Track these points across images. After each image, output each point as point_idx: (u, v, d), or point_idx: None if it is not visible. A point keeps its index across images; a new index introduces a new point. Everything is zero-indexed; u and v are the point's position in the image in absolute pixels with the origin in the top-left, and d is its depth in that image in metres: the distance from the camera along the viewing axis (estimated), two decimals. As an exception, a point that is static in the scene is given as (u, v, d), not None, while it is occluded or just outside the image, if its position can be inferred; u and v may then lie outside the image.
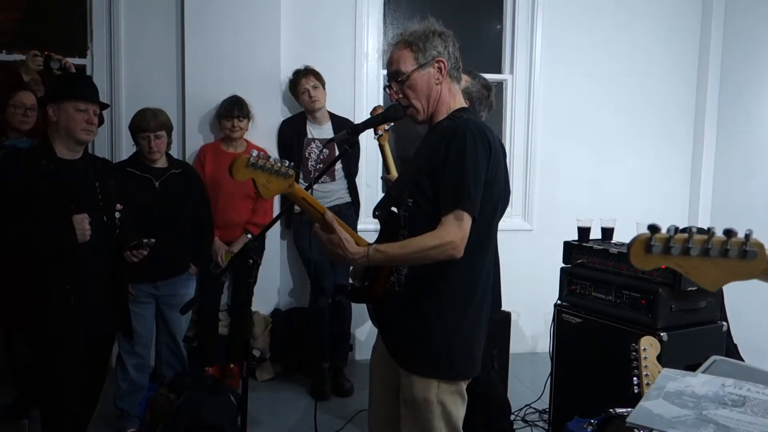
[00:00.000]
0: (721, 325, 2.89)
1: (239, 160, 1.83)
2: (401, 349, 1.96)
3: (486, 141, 1.82)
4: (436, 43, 1.93)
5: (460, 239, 1.76)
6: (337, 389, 3.98)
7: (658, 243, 1.06)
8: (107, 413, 3.29)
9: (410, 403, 1.92)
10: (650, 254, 1.07)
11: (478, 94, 2.84)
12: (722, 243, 1.06)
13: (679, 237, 1.06)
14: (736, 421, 1.32)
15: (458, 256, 1.78)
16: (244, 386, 2.11)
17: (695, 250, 1.06)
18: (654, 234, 1.07)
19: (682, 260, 1.07)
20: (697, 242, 1.06)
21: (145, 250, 2.72)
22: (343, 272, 4.00)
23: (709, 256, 1.06)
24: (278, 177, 1.85)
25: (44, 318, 2.54)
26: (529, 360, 4.54)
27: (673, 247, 1.06)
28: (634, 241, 1.08)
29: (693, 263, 1.07)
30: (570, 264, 3.18)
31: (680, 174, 5.02)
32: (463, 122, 1.88)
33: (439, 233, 1.78)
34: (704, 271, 1.08)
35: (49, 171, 2.53)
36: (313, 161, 4.06)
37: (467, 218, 1.77)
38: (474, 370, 1.97)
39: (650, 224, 1.07)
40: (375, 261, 1.84)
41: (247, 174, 1.83)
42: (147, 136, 3.24)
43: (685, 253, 1.06)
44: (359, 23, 4.41)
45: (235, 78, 4.14)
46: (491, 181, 1.84)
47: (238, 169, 1.83)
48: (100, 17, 4.12)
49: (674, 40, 4.92)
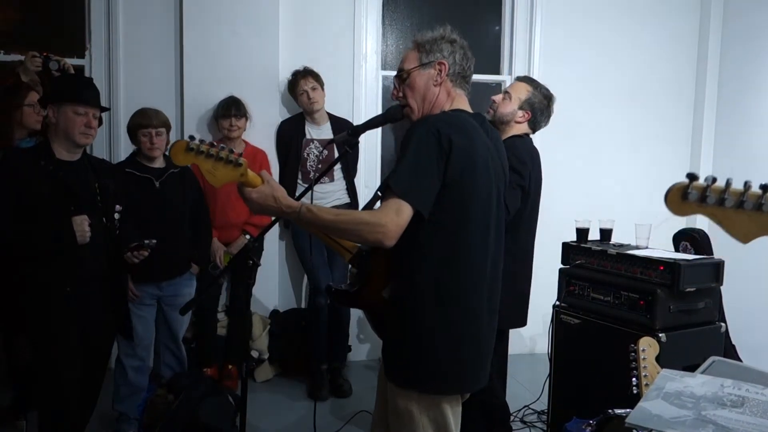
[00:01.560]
0: (720, 326, 2.88)
1: (177, 144, 1.76)
2: (384, 357, 1.93)
3: (439, 136, 1.74)
4: (443, 47, 1.93)
5: (394, 226, 1.69)
6: (336, 390, 3.97)
7: (695, 191, 1.11)
8: (105, 415, 3.28)
9: (394, 414, 1.87)
10: (686, 201, 1.11)
11: (540, 105, 2.87)
12: (758, 197, 1.10)
13: (715, 187, 1.10)
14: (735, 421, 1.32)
15: (387, 243, 1.70)
16: (242, 387, 2.11)
17: (730, 201, 1.10)
18: (692, 182, 1.10)
19: (716, 210, 1.11)
20: (733, 194, 1.10)
21: (146, 251, 2.72)
22: (341, 273, 4.00)
23: (743, 208, 1.10)
24: (226, 165, 1.77)
25: (43, 319, 2.53)
26: (527, 361, 4.54)
27: (709, 196, 1.10)
28: (672, 188, 1.12)
29: (727, 214, 1.11)
30: (568, 265, 3.18)
31: (679, 174, 4.97)
32: (427, 116, 1.87)
33: (377, 213, 1.73)
34: (737, 222, 1.11)
35: (48, 171, 2.52)
36: (311, 162, 4.06)
37: (407, 209, 1.70)
38: (459, 387, 1.88)
39: (689, 172, 1.11)
40: (305, 219, 1.78)
41: (188, 159, 1.76)
42: (149, 132, 3.24)
43: (720, 204, 1.10)
44: (358, 24, 4.41)
45: (234, 78, 4.14)
46: (455, 181, 1.75)
47: (176, 153, 1.77)
48: (98, 18, 4.12)
49: (672, 42, 4.93)
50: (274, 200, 1.79)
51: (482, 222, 1.84)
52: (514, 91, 2.90)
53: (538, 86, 2.91)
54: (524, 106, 2.87)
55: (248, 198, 1.80)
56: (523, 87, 2.90)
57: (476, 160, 1.80)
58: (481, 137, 1.86)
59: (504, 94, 2.93)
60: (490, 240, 1.88)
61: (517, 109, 2.86)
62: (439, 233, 1.78)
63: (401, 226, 1.70)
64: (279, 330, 4.23)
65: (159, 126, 3.28)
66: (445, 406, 1.85)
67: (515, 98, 2.88)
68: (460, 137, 1.77)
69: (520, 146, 2.86)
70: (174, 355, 3.55)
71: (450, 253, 1.80)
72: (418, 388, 1.83)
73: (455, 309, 1.82)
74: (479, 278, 1.86)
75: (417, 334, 1.82)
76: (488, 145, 1.88)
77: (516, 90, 2.90)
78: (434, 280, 1.80)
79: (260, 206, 1.81)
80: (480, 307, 1.87)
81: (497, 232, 1.92)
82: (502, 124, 2.88)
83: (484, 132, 1.91)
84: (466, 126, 1.83)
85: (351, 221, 1.76)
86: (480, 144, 1.83)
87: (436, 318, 1.81)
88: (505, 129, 2.89)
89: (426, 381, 1.82)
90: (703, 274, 2.79)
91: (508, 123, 2.88)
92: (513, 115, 2.86)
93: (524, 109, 2.87)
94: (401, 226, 1.70)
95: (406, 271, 1.83)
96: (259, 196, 1.79)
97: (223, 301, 4.17)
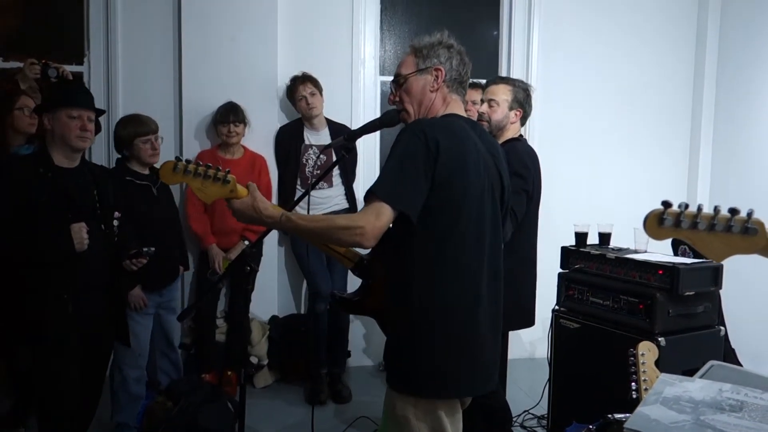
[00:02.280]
0: (719, 330, 2.88)
1: (165, 165, 1.84)
2: (385, 361, 1.94)
3: (425, 138, 1.74)
4: (440, 53, 1.94)
5: (372, 227, 1.68)
6: (335, 396, 3.96)
7: (670, 217, 1.20)
8: (104, 423, 3.26)
9: (391, 418, 1.87)
10: (663, 227, 1.20)
11: (524, 98, 2.92)
12: (727, 219, 1.18)
13: (688, 213, 1.19)
14: (733, 426, 1.32)
15: (366, 244, 1.70)
16: (241, 393, 2.10)
17: (702, 225, 1.19)
18: (666, 209, 1.20)
19: (690, 233, 1.20)
20: (705, 218, 1.19)
21: (144, 259, 2.73)
22: (340, 279, 4.00)
23: (714, 230, 1.19)
24: (214, 183, 1.84)
25: (41, 326, 2.52)
26: (527, 366, 4.53)
27: (683, 221, 1.19)
28: (649, 215, 1.21)
29: (700, 236, 1.20)
30: (567, 269, 3.18)
31: (678, 178, 5.03)
32: (414, 122, 1.89)
33: (354, 216, 1.75)
34: (710, 244, 1.20)
35: (46, 179, 2.52)
36: (310, 167, 4.07)
37: (387, 211, 1.70)
38: (455, 391, 1.88)
39: (663, 200, 1.20)
40: (285, 228, 1.84)
41: (176, 178, 1.84)
42: (148, 138, 3.25)
43: (693, 227, 1.19)
44: (356, 29, 4.42)
45: (232, 84, 4.15)
46: (445, 182, 1.75)
47: (165, 173, 1.84)
48: (97, 24, 4.13)
49: (670, 47, 4.94)
50: (254, 211, 1.84)
51: (476, 223, 1.83)
52: (497, 96, 2.91)
53: (513, 82, 2.95)
54: (513, 105, 2.90)
55: (233, 209, 1.87)
56: (503, 88, 2.92)
57: (466, 161, 1.80)
58: (472, 139, 1.86)
59: (489, 102, 2.94)
60: (486, 242, 1.86)
61: (509, 111, 2.89)
62: (432, 237, 1.78)
63: (380, 228, 1.71)
64: (278, 336, 4.23)
65: (156, 131, 3.30)
66: (441, 413, 1.84)
67: (502, 101, 2.90)
68: (448, 138, 1.78)
69: (521, 150, 2.87)
70: (170, 361, 3.55)
71: (444, 256, 1.80)
72: (416, 393, 1.82)
73: (451, 312, 1.82)
74: (475, 280, 1.85)
75: (414, 338, 1.82)
76: (480, 147, 1.88)
77: (498, 94, 2.91)
78: (429, 283, 1.80)
79: (244, 216, 1.87)
80: (477, 310, 1.85)
81: (494, 235, 1.90)
82: (499, 131, 2.91)
83: (477, 135, 1.91)
84: (453, 128, 1.84)
85: (328, 227, 1.77)
86: (470, 145, 1.84)
87: (432, 322, 1.81)
88: (501, 134, 2.91)
89: (423, 385, 1.82)
90: (702, 278, 2.79)
91: (504, 127, 2.91)
92: (507, 118, 2.90)
93: (514, 108, 2.90)
94: (380, 227, 1.71)
95: (401, 276, 1.83)
96: (241, 206, 1.86)
97: (221, 307, 4.17)
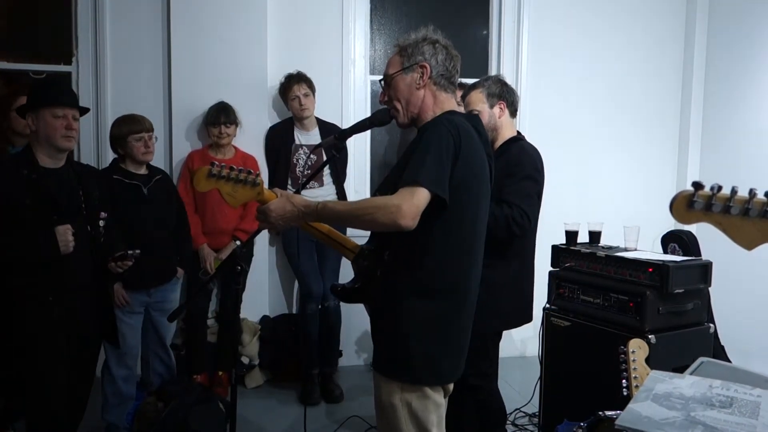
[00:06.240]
0: (709, 327, 2.90)
1: (200, 172, 1.89)
2: (373, 346, 1.99)
3: (459, 139, 1.81)
4: (425, 49, 1.95)
5: (408, 207, 1.69)
6: (327, 395, 3.96)
7: (701, 199, 1.12)
8: (94, 427, 3.24)
9: (379, 405, 1.92)
10: (692, 210, 1.12)
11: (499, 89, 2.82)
12: (763, 204, 1.11)
13: (721, 195, 1.11)
14: (723, 422, 1.33)
15: (403, 223, 1.70)
16: (232, 394, 2.10)
17: (735, 209, 1.11)
18: (697, 190, 1.11)
19: (721, 218, 1.12)
20: (738, 202, 1.11)
21: (129, 261, 2.70)
22: (332, 278, 4.00)
23: (748, 216, 1.11)
24: (244, 186, 1.90)
25: (27, 328, 2.50)
26: (518, 364, 4.54)
27: (714, 204, 1.11)
28: (677, 197, 1.13)
29: (732, 222, 1.12)
30: (558, 267, 3.19)
31: (666, 177, 5.06)
32: (440, 117, 1.91)
33: (389, 197, 1.76)
34: (742, 230, 1.13)
35: (30, 180, 2.48)
36: (300, 167, 4.06)
37: (423, 192, 1.72)
38: (440, 378, 1.93)
39: (694, 181, 1.12)
40: (324, 215, 1.86)
41: (210, 185, 1.89)
42: (142, 137, 3.23)
43: (725, 212, 1.12)
44: (346, 29, 4.42)
45: (222, 84, 4.13)
46: (458, 181, 1.81)
47: (199, 180, 1.89)
48: (85, 24, 4.09)
49: (658, 46, 4.97)
50: (292, 205, 1.87)
51: (474, 221, 1.92)
52: (475, 105, 2.82)
53: (482, 83, 2.85)
54: (492, 102, 2.81)
55: (268, 214, 1.88)
56: (476, 96, 2.83)
57: (474, 171, 1.88)
58: (478, 144, 1.92)
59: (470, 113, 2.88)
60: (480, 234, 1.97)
61: (491, 110, 2.81)
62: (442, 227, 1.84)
63: (418, 207, 1.72)
64: (269, 336, 4.22)
65: (150, 129, 3.28)
66: (426, 400, 1.89)
67: (481, 106, 2.81)
68: (468, 145, 1.84)
69: (530, 151, 2.82)
70: (163, 362, 3.53)
71: (450, 245, 1.87)
72: (402, 378, 1.88)
73: (449, 298, 1.89)
74: (471, 270, 1.94)
75: (406, 325, 1.87)
76: (481, 151, 1.93)
77: (475, 103, 2.82)
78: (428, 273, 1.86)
79: (281, 217, 1.88)
80: (467, 297, 1.94)
81: (484, 228, 2.00)
82: (493, 131, 2.83)
83: (477, 133, 1.96)
84: (471, 133, 1.89)
85: (365, 206, 1.79)
86: (477, 151, 1.90)
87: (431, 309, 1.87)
88: (497, 133, 2.84)
89: (409, 371, 1.87)
90: (691, 276, 2.81)
91: (495, 126, 2.83)
92: (493, 117, 2.81)
93: (494, 104, 2.81)
94: (417, 207, 1.72)
95: (400, 263, 1.88)
96: (276, 207, 1.88)
97: (212, 308, 4.15)
